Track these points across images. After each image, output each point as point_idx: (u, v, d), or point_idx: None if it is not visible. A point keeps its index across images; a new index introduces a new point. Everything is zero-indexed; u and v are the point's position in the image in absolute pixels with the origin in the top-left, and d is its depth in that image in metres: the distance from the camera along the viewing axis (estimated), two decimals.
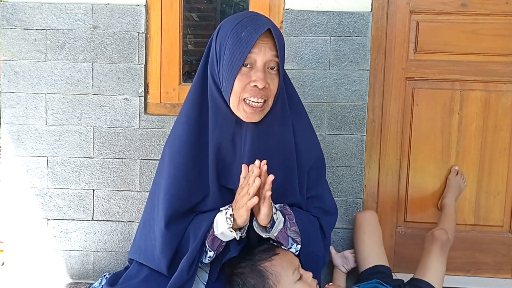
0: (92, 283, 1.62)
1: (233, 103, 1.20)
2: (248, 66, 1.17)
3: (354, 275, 1.72)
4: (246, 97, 1.18)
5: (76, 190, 1.83)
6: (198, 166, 1.27)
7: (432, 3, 1.84)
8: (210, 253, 1.23)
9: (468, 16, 1.85)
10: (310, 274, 1.24)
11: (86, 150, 1.82)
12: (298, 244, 1.27)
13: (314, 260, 1.31)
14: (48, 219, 1.84)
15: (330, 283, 1.28)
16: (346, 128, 1.82)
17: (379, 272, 1.49)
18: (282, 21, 1.80)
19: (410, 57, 1.88)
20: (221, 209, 1.23)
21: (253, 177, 1.10)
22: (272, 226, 1.20)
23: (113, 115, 1.81)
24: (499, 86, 1.88)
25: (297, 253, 1.29)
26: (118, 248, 1.85)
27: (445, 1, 1.84)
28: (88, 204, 1.84)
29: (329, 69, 1.80)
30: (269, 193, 1.13)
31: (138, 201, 1.83)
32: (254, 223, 1.22)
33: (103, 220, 1.85)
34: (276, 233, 1.22)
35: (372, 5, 1.79)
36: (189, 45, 2.50)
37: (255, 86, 1.15)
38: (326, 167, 1.80)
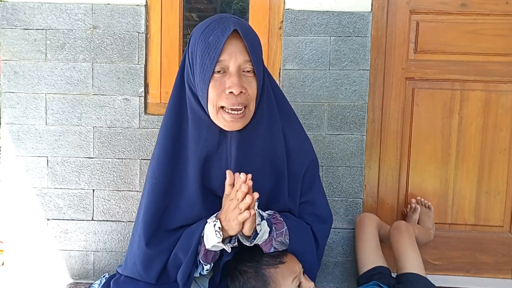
0: (92, 283, 1.62)
1: (211, 112, 1.14)
2: (221, 72, 1.11)
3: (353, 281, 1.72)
4: (224, 106, 1.11)
5: (76, 190, 1.83)
6: (179, 183, 1.23)
7: (432, 3, 1.85)
8: (207, 266, 1.21)
9: (468, 16, 1.85)
10: (311, 284, 1.22)
11: (86, 150, 1.82)
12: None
13: (306, 271, 1.27)
14: (48, 219, 1.84)
15: None
16: (346, 128, 1.82)
17: (377, 273, 1.49)
18: (282, 21, 1.80)
19: (410, 57, 1.88)
20: (208, 221, 1.17)
21: (242, 194, 1.04)
22: (254, 237, 1.15)
23: (113, 115, 1.81)
24: (499, 86, 1.88)
25: None
26: (118, 248, 1.85)
27: (445, 1, 1.84)
28: (88, 204, 1.84)
29: (329, 69, 1.80)
30: (253, 211, 1.06)
31: (138, 201, 1.82)
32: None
33: (103, 220, 1.85)
34: (260, 243, 1.19)
35: (372, 5, 1.79)
36: None
37: (231, 92, 1.09)
38: (326, 167, 1.83)
